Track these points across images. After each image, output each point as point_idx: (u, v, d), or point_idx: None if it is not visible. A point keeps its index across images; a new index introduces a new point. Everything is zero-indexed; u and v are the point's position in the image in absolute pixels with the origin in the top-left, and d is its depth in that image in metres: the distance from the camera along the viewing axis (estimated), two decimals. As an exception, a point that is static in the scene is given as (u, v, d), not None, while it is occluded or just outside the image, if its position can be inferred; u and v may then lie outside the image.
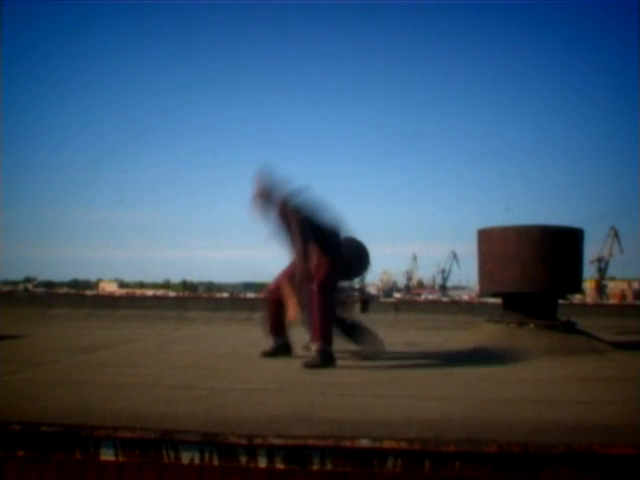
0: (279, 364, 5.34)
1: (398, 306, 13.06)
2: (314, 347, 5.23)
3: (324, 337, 5.21)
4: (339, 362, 5.22)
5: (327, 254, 5.35)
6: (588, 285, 66.42)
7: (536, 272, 6.76)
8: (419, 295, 71.01)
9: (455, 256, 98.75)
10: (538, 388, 4.44)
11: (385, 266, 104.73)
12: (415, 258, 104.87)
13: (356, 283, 6.94)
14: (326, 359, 5.16)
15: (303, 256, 5.27)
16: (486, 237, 7.16)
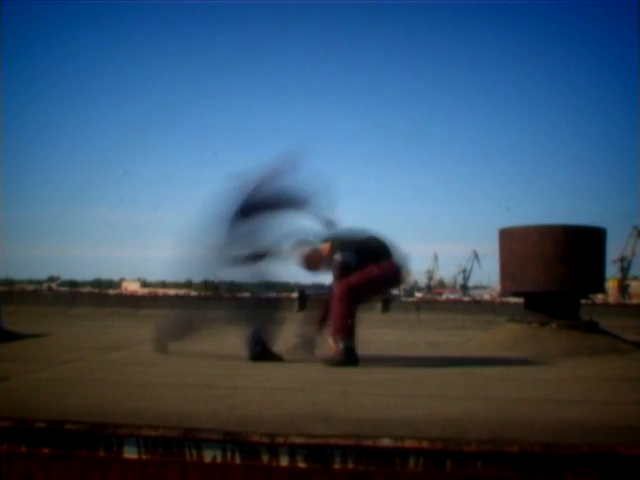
0: (300, 363, 5.35)
1: (419, 306, 13.06)
2: (334, 343, 5.24)
3: (347, 334, 5.23)
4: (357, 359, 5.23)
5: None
6: (610, 285, 65.76)
7: (558, 272, 6.73)
8: (440, 295, 70.71)
9: (476, 256, 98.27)
10: (560, 388, 4.42)
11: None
12: (436, 258, 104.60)
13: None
14: (350, 357, 5.18)
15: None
16: (508, 237, 7.14)
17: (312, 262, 5.64)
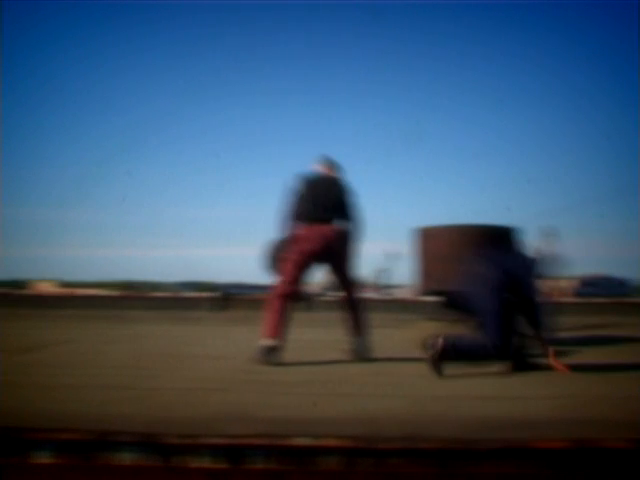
0: (219, 363, 5.32)
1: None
2: (262, 343, 5.31)
3: (271, 333, 5.34)
4: (279, 359, 5.25)
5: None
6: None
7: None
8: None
9: (393, 254, 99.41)
10: (473, 385, 4.51)
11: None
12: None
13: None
14: (269, 356, 5.23)
15: None
16: (425, 236, 7.26)
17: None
